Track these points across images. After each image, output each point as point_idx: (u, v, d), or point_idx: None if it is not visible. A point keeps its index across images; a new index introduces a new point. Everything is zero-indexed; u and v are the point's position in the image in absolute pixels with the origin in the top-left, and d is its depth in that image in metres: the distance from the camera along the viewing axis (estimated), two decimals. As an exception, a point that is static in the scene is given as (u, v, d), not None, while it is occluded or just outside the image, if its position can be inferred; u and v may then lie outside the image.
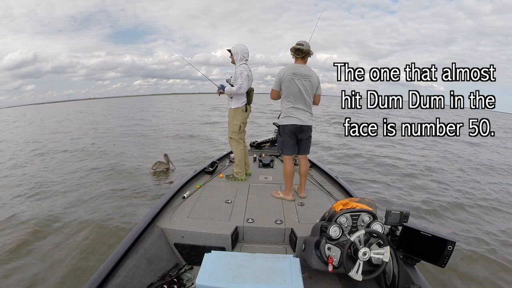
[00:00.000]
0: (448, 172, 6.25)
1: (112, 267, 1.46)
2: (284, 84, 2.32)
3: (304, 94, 2.32)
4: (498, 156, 8.70)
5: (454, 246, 1.34)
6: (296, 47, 2.31)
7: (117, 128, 13.46)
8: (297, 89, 2.30)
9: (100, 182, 5.02)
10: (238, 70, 2.68)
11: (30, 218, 3.50)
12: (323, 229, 1.58)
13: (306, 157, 2.57)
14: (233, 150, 3.00)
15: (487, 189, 5.15)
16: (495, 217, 3.98)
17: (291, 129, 2.38)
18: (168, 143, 9.13)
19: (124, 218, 3.50)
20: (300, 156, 2.55)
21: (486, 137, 7.73)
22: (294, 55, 2.35)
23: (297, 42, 2.36)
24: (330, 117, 18.17)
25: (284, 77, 2.29)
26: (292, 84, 2.30)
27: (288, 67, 2.33)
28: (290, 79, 2.29)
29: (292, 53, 2.35)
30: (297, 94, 2.32)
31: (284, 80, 2.30)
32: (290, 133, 2.39)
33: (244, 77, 2.66)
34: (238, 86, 2.66)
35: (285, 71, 2.31)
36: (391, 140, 9.53)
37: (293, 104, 2.35)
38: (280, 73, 2.33)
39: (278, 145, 2.55)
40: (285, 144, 2.44)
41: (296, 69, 2.31)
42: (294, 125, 2.36)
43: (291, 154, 2.47)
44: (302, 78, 2.30)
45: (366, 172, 5.90)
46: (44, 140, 10.42)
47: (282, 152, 2.50)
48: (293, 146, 2.45)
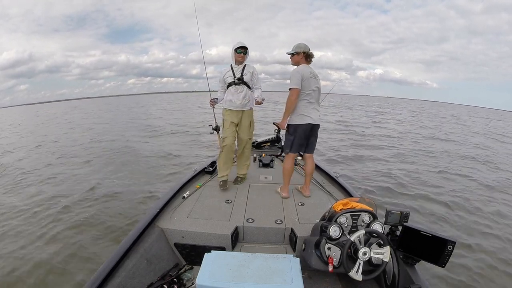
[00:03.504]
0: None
1: (112, 267, 1.46)
2: (304, 83, 2.33)
3: (318, 93, 2.42)
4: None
5: (454, 246, 1.34)
6: (308, 53, 2.38)
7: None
8: (314, 87, 2.36)
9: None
10: (255, 70, 2.66)
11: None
12: (323, 229, 1.58)
13: (312, 156, 2.59)
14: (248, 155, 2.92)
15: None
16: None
17: (304, 128, 2.41)
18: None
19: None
20: (308, 155, 2.57)
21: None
22: (303, 59, 2.38)
23: (298, 45, 2.37)
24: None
25: (304, 75, 2.32)
26: (310, 83, 2.35)
27: (303, 67, 2.35)
28: (308, 77, 2.33)
29: (302, 57, 2.37)
30: (313, 93, 2.37)
31: (305, 78, 2.32)
32: (302, 132, 2.42)
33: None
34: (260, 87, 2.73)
35: (303, 70, 2.33)
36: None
37: (310, 103, 2.39)
38: (299, 71, 2.32)
39: (286, 144, 2.52)
40: (295, 143, 2.47)
41: (309, 69, 2.37)
42: (308, 124, 2.40)
43: (297, 152, 2.54)
44: (315, 77, 2.38)
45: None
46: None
47: (290, 150, 2.51)
48: (302, 145, 2.50)
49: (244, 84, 2.59)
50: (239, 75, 2.58)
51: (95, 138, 10.14)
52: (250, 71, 2.61)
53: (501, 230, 3.53)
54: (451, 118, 25.09)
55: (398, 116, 22.23)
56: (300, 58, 2.39)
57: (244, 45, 2.53)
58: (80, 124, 15.69)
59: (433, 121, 19.82)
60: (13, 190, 4.83)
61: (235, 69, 2.60)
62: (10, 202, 4.23)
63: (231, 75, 2.59)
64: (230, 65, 2.64)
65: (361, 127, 13.49)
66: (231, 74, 2.60)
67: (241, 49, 2.53)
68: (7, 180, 5.41)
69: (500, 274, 2.68)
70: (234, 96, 2.59)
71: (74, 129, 13.57)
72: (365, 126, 14.11)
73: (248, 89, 2.62)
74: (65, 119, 19.61)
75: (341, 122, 15.29)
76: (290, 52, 2.41)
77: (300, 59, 2.39)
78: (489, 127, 19.53)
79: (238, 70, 2.60)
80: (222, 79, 2.65)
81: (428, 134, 12.52)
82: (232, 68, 2.61)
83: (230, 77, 2.60)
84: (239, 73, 2.59)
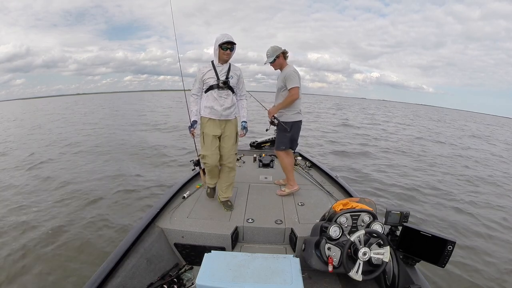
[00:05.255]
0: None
1: (112, 267, 1.46)
2: (300, 81, 2.40)
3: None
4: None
5: (454, 246, 1.34)
6: (285, 51, 2.41)
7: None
8: (300, 86, 2.42)
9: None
10: (241, 73, 2.30)
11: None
12: (323, 229, 1.58)
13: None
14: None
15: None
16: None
17: (299, 124, 2.52)
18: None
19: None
20: (291, 151, 2.64)
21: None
22: (283, 59, 2.43)
23: (273, 48, 2.39)
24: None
25: (298, 74, 2.39)
26: (300, 81, 2.42)
27: (294, 67, 2.41)
28: (300, 76, 2.40)
29: (282, 58, 2.42)
30: (300, 91, 2.43)
31: (299, 77, 2.39)
32: (298, 128, 2.52)
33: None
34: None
35: (296, 70, 2.39)
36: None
37: (299, 100, 2.45)
38: (295, 71, 2.37)
39: (283, 141, 2.53)
40: (293, 139, 2.55)
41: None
42: (301, 121, 2.52)
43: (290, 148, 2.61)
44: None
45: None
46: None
47: (291, 147, 2.58)
48: (294, 141, 2.59)
49: (229, 88, 2.12)
50: (224, 78, 2.07)
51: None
52: (237, 74, 2.13)
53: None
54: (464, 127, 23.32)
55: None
56: (282, 60, 2.42)
57: (232, 39, 1.99)
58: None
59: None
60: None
61: (218, 69, 2.08)
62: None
63: (214, 76, 2.07)
64: (211, 63, 2.09)
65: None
66: (214, 75, 2.07)
67: (227, 45, 1.99)
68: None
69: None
70: (216, 102, 2.09)
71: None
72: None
73: (234, 95, 2.18)
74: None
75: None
76: (271, 60, 2.40)
77: (282, 61, 2.42)
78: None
79: (223, 71, 2.08)
80: (201, 79, 2.10)
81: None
82: (215, 68, 2.08)
83: (212, 78, 2.07)
84: (223, 75, 2.08)
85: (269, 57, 2.40)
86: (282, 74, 2.41)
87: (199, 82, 2.12)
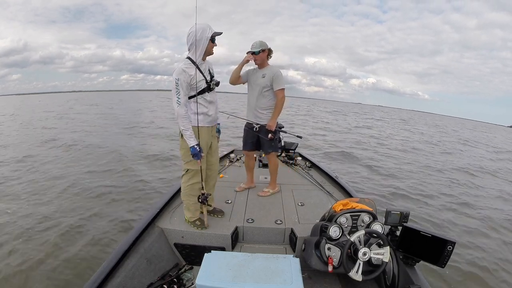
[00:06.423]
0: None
1: (112, 267, 1.46)
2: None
3: None
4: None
5: (454, 246, 1.34)
6: (271, 51, 2.31)
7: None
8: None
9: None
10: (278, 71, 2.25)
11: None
12: (323, 229, 1.58)
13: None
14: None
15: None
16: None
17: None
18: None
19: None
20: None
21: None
22: (267, 56, 2.31)
23: (261, 42, 2.24)
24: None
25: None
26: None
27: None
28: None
29: (268, 56, 2.32)
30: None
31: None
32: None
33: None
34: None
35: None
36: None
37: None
38: (281, 72, 2.29)
39: (278, 145, 2.55)
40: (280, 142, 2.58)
41: None
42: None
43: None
44: None
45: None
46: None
47: (281, 149, 2.59)
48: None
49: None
50: (209, 77, 1.82)
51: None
52: (213, 69, 1.89)
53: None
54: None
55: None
56: (265, 57, 2.29)
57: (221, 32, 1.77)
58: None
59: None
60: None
61: (202, 67, 1.77)
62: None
63: (202, 77, 1.77)
64: (190, 60, 1.74)
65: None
66: (201, 75, 1.76)
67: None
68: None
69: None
70: (211, 106, 1.86)
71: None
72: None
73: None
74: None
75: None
76: (256, 50, 2.21)
77: (265, 57, 2.29)
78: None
79: (206, 70, 1.81)
80: (189, 83, 1.71)
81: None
82: (198, 67, 1.75)
83: (203, 80, 1.77)
84: (208, 74, 1.82)
85: (254, 47, 2.23)
86: (268, 73, 2.26)
87: (187, 87, 1.71)
